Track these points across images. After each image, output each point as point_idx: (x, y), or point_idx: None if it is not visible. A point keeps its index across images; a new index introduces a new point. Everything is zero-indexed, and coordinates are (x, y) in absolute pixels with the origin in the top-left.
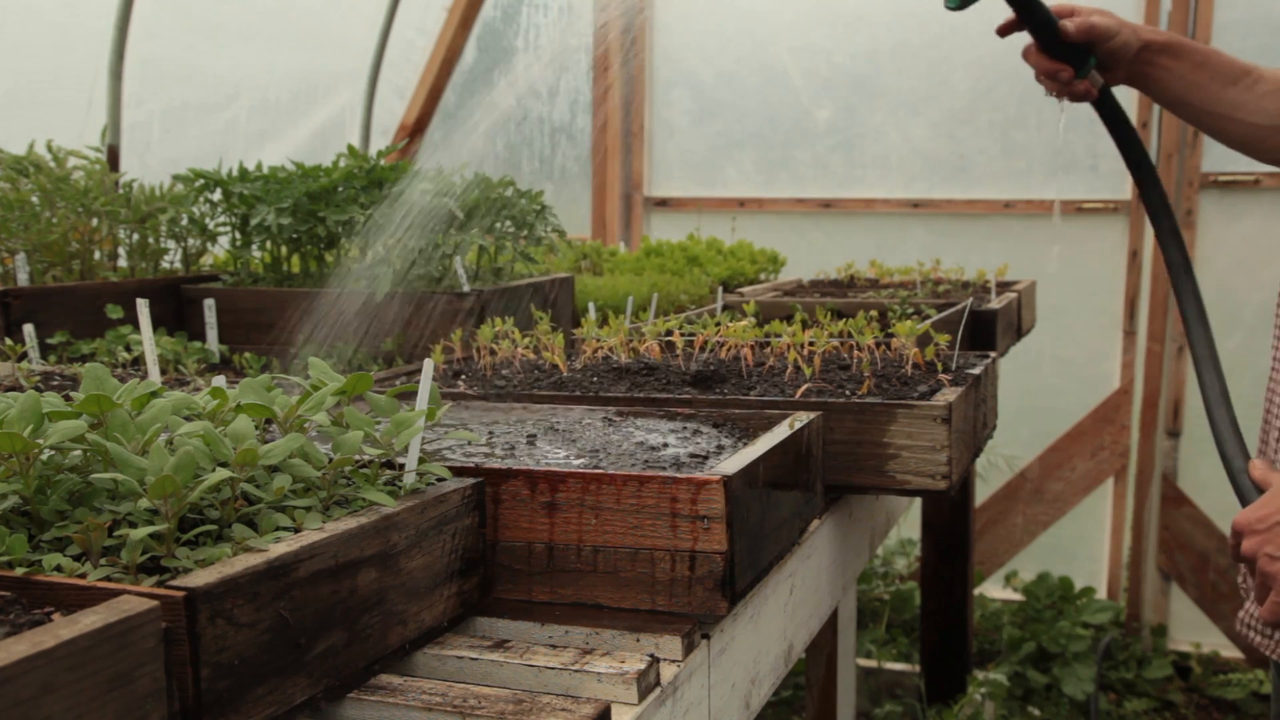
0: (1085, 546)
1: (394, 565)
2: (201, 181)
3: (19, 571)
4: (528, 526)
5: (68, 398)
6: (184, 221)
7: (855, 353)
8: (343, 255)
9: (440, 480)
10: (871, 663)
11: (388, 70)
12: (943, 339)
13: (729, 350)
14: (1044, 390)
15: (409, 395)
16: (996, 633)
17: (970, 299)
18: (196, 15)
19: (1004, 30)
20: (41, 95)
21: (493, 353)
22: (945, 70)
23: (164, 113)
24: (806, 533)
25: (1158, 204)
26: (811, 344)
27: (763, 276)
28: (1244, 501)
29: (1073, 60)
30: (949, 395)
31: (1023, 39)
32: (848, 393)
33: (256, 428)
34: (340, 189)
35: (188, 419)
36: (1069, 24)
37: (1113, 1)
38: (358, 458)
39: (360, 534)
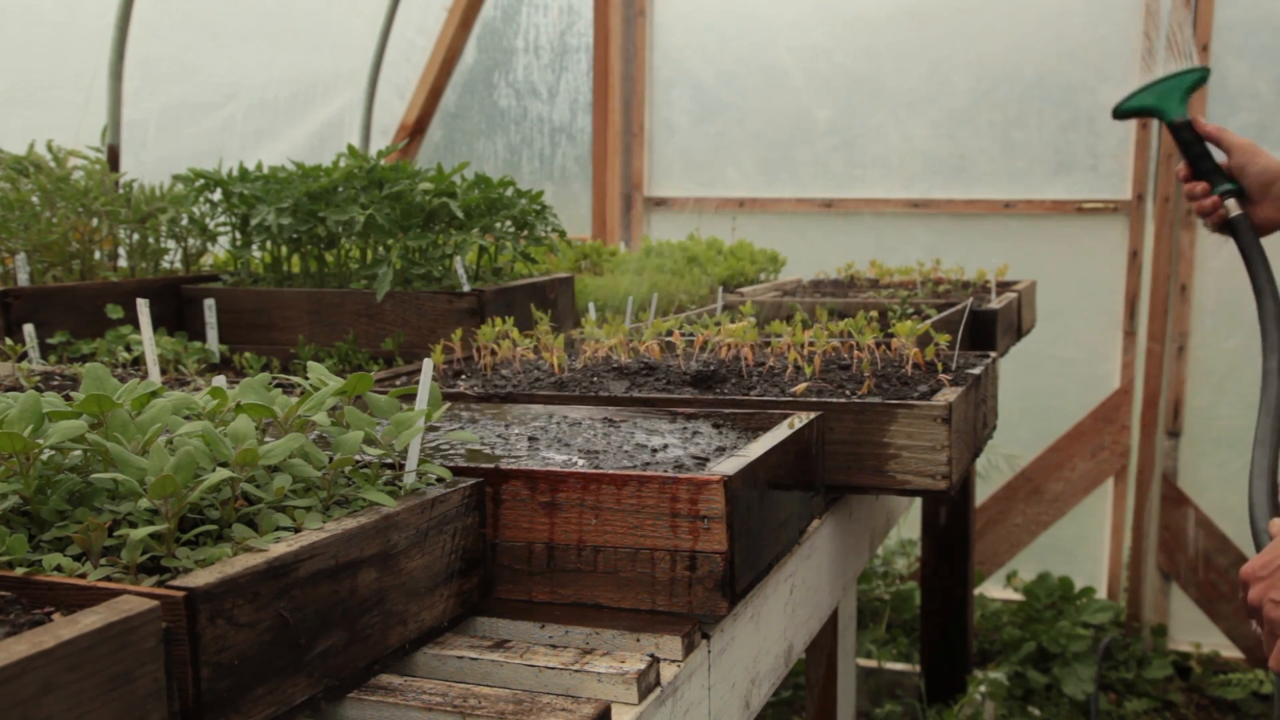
0: (1085, 546)
1: (394, 565)
2: (202, 181)
3: (19, 571)
4: (528, 526)
5: (68, 398)
6: (184, 221)
7: (855, 353)
8: (343, 255)
9: (440, 480)
10: (871, 663)
11: (388, 70)
12: (943, 339)
13: (729, 350)
14: (1044, 390)
15: (409, 395)
16: (996, 633)
17: (970, 299)
18: (196, 15)
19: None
20: (39, 93)
21: (493, 353)
22: (945, 70)
23: (161, 111)
24: (806, 533)
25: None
26: (811, 344)
27: (763, 276)
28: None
29: (1210, 179)
30: (949, 395)
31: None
32: (848, 393)
33: (256, 428)
34: (340, 189)
35: (188, 419)
36: (1206, 124)
37: (1111, 1)
38: (358, 458)
39: (360, 534)
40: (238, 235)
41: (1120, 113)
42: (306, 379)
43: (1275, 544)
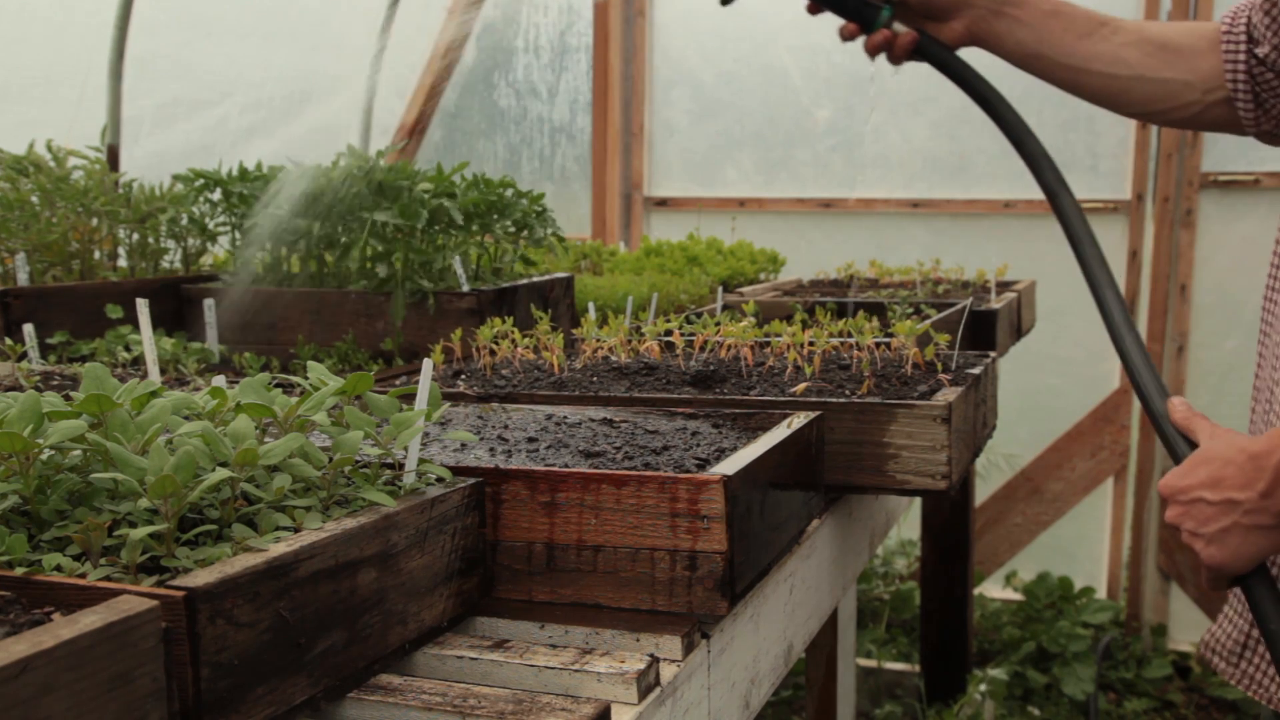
0: (1085, 546)
1: (394, 565)
2: (201, 181)
3: (19, 571)
4: (528, 526)
5: (68, 398)
6: (184, 221)
7: (855, 352)
8: (343, 256)
9: (440, 480)
10: (871, 663)
11: (387, 70)
12: (943, 339)
13: (729, 350)
14: (1044, 390)
15: (409, 395)
16: (996, 632)
17: (970, 299)
18: (193, 12)
19: (812, 9)
20: (34, 89)
21: (492, 353)
22: None
23: (156, 108)
24: (806, 533)
25: (1018, 127)
26: (811, 344)
27: (763, 276)
28: (1170, 449)
29: (861, 18)
30: (949, 395)
31: None
32: (847, 392)
33: (256, 428)
34: (340, 190)
35: (188, 419)
36: None
37: (1110, 1)
38: (358, 458)
39: (360, 534)
40: (237, 235)
41: None
42: (306, 379)
43: (1194, 465)
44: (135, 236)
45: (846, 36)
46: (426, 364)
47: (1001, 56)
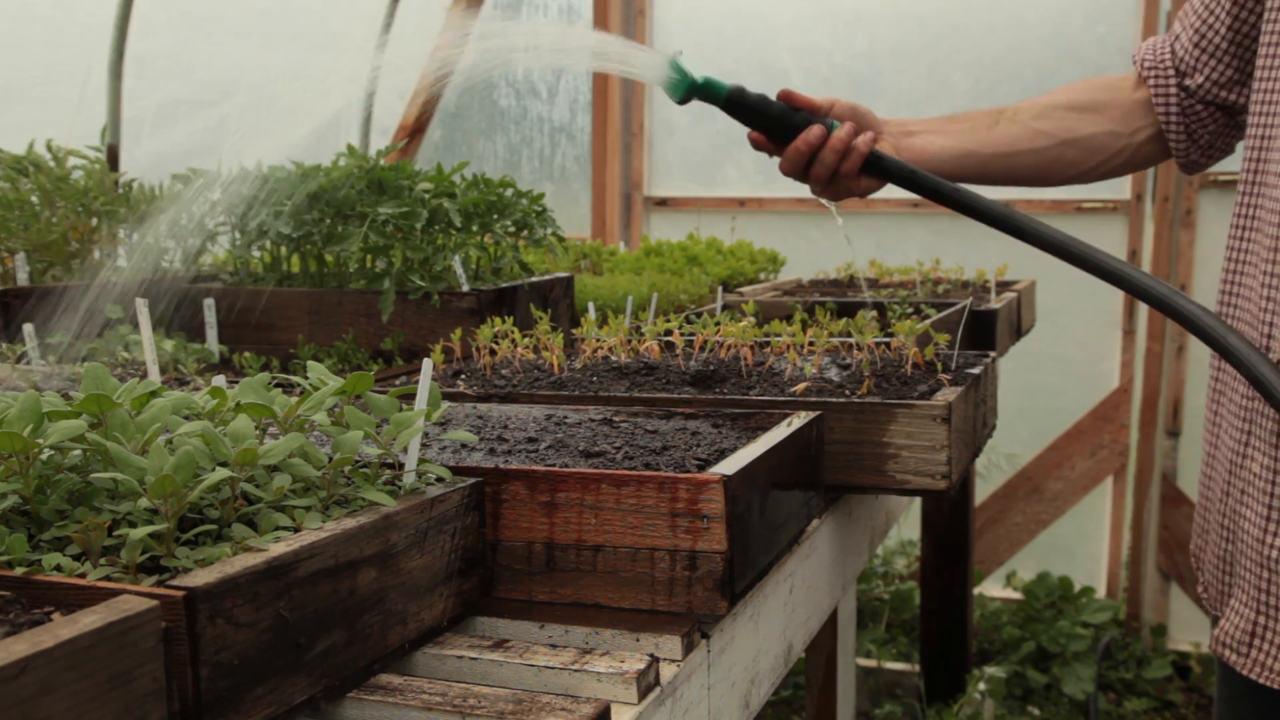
0: (1085, 546)
1: (394, 565)
2: (201, 181)
3: (19, 571)
4: (527, 526)
5: (68, 398)
6: (183, 221)
7: (855, 352)
8: (342, 255)
9: (440, 480)
10: (871, 662)
11: (387, 70)
12: (942, 339)
13: (729, 350)
14: (1043, 389)
15: (409, 395)
16: (996, 632)
17: (970, 299)
18: (193, 12)
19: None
20: (34, 90)
21: (492, 353)
22: (945, 70)
23: (156, 108)
24: (806, 532)
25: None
26: (811, 344)
27: (763, 276)
28: None
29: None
30: (949, 395)
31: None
32: (847, 392)
33: (256, 427)
34: (340, 189)
35: (187, 419)
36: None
37: (1110, 1)
38: (358, 458)
39: (360, 534)
40: (237, 235)
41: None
42: (306, 379)
43: None
44: (135, 236)
45: (814, 142)
46: (426, 364)
47: (931, 169)
